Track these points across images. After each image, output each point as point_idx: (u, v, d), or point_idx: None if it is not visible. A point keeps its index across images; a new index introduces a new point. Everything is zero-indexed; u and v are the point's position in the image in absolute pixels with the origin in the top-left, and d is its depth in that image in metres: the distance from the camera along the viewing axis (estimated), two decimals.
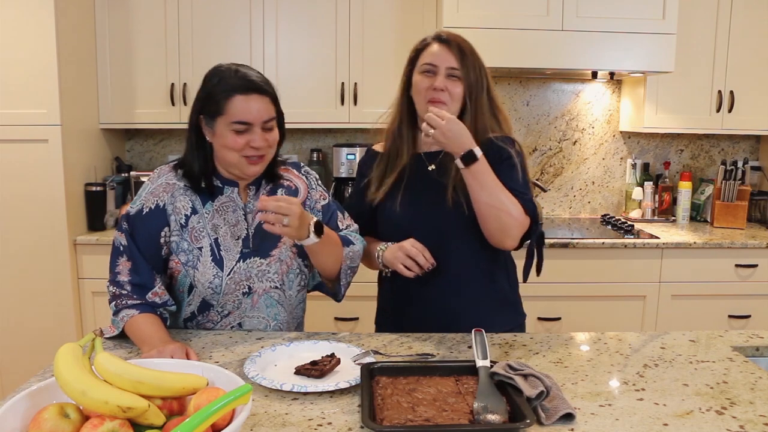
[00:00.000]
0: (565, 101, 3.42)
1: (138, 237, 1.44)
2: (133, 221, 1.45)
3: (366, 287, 2.98)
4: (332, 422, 1.06)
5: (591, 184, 3.50)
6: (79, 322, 2.85)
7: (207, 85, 1.43)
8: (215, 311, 1.50)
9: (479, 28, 2.73)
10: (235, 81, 1.40)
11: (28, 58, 2.67)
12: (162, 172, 1.50)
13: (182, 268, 1.46)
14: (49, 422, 0.86)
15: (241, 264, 1.47)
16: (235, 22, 3.01)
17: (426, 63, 1.54)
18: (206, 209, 1.47)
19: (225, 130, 1.39)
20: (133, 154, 3.42)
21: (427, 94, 1.53)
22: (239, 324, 1.52)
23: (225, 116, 1.38)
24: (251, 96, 1.39)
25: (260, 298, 1.50)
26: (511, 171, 1.52)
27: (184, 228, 1.45)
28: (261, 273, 1.49)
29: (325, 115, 3.08)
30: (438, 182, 1.55)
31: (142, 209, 1.45)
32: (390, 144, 1.64)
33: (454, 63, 1.52)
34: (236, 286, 1.47)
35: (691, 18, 3.02)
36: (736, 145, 3.51)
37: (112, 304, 1.44)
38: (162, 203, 1.45)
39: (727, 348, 1.42)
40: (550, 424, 1.05)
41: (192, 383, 0.96)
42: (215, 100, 1.39)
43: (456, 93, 1.52)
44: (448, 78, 1.52)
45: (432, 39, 1.57)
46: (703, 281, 2.90)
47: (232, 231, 1.48)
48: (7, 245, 2.78)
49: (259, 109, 1.40)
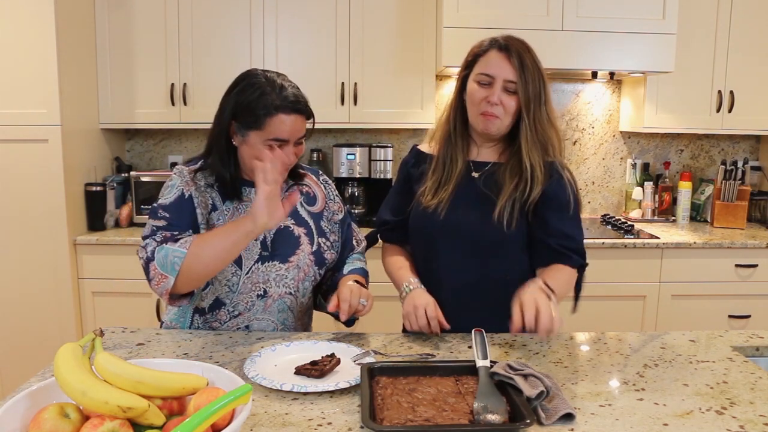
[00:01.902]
0: (565, 101, 3.42)
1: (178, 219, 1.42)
2: (170, 208, 1.43)
3: None
4: (332, 422, 1.06)
5: (591, 184, 3.50)
6: (79, 322, 2.85)
7: (246, 94, 1.40)
8: (226, 311, 1.50)
9: (479, 28, 2.73)
10: (278, 100, 1.38)
11: (28, 58, 2.67)
12: (183, 173, 1.49)
13: None
14: (49, 422, 0.86)
15: (260, 266, 1.47)
16: (235, 22, 3.01)
17: (482, 73, 1.47)
18: (226, 207, 1.48)
19: (258, 144, 1.40)
20: (133, 154, 3.42)
21: (481, 106, 1.47)
22: (246, 326, 1.51)
23: (262, 132, 1.39)
24: (292, 116, 1.39)
25: (274, 303, 1.51)
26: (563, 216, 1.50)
27: (207, 224, 1.46)
28: (279, 278, 1.49)
29: (325, 115, 3.07)
30: (485, 194, 1.51)
31: (182, 194, 1.45)
32: (443, 150, 1.56)
33: (511, 75, 1.44)
34: (253, 286, 1.47)
35: (691, 18, 3.02)
36: (736, 145, 3.51)
37: (160, 237, 1.38)
38: (188, 193, 1.45)
39: (727, 348, 1.42)
40: (550, 424, 1.04)
41: (192, 383, 0.96)
42: (255, 114, 1.38)
43: (510, 107, 1.46)
44: (504, 91, 1.45)
45: (490, 45, 1.49)
46: (703, 281, 2.90)
47: None
48: (7, 245, 2.78)
49: (298, 129, 1.42)
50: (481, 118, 1.48)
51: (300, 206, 1.57)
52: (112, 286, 2.83)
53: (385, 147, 3.15)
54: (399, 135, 3.40)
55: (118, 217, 3.04)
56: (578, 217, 1.55)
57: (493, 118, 1.47)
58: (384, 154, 3.14)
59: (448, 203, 1.52)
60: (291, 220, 1.53)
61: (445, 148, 1.56)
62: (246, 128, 1.40)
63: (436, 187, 1.54)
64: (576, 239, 1.53)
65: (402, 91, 3.07)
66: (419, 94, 3.06)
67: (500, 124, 1.48)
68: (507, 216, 1.47)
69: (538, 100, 1.46)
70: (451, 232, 1.52)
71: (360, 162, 3.14)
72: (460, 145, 1.55)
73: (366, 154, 3.15)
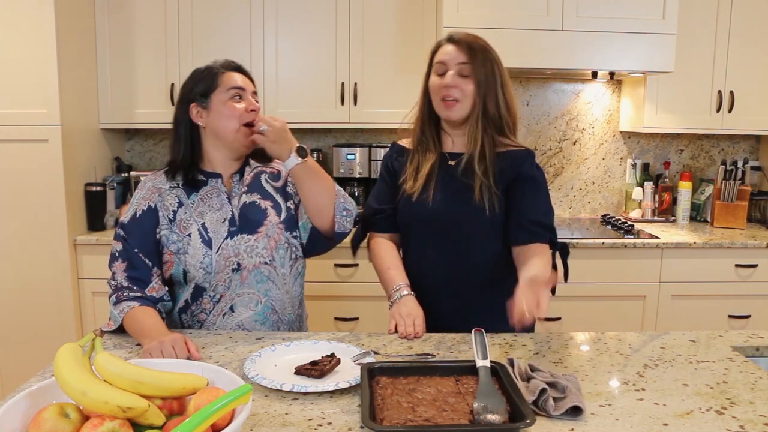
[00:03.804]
0: (565, 101, 3.42)
1: (133, 238, 1.52)
2: (127, 227, 1.54)
3: (366, 287, 2.97)
4: (332, 422, 1.06)
5: (591, 184, 3.50)
6: (79, 322, 2.85)
7: (194, 77, 1.56)
8: (208, 296, 1.54)
9: (479, 28, 2.68)
10: (219, 65, 1.56)
11: (28, 58, 2.67)
12: (149, 179, 1.60)
13: (174, 258, 1.52)
14: (49, 422, 0.86)
15: (229, 241, 1.53)
16: (235, 22, 3.01)
17: (437, 62, 1.59)
18: (191, 200, 1.56)
19: (223, 102, 1.51)
20: (133, 154, 3.42)
21: (440, 92, 1.57)
22: (231, 308, 1.54)
23: (220, 88, 1.52)
24: (237, 73, 1.57)
25: (250, 274, 1.54)
26: (534, 194, 1.58)
27: (173, 222, 1.53)
28: (249, 249, 1.54)
29: (325, 115, 3.08)
30: (464, 182, 1.58)
31: (135, 213, 1.54)
32: (417, 144, 1.68)
33: (462, 58, 1.54)
34: (226, 262, 1.52)
35: (691, 18, 3.02)
36: (736, 145, 3.51)
37: (113, 297, 1.49)
38: (153, 204, 1.54)
39: (727, 348, 1.42)
40: (558, 416, 1.06)
41: (192, 383, 0.96)
42: (208, 80, 1.53)
43: (467, 89, 1.55)
44: (458, 76, 1.55)
45: (444, 40, 1.61)
46: (703, 281, 2.90)
47: (217, 215, 1.55)
48: (7, 245, 2.78)
49: (248, 83, 1.57)
50: (442, 104, 1.57)
51: (265, 182, 1.63)
52: None
53: (385, 147, 3.15)
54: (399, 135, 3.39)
55: (118, 217, 3.04)
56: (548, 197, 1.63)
57: (453, 103, 1.56)
58: (384, 154, 3.13)
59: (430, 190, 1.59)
60: (258, 195, 1.60)
61: (419, 143, 1.68)
62: (205, 96, 1.52)
63: (415, 174, 1.64)
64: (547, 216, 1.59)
65: (402, 91, 3.06)
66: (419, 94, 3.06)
67: (460, 108, 1.56)
68: (488, 199, 1.55)
69: (491, 82, 1.56)
70: (435, 218, 1.58)
71: (360, 162, 3.14)
72: (431, 139, 1.66)
73: (366, 154, 3.15)
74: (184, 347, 1.30)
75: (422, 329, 1.50)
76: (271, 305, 1.57)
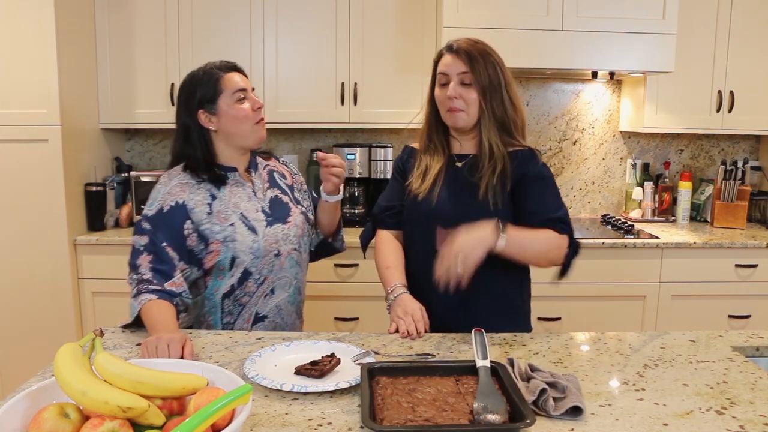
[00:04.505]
0: (565, 101, 3.42)
1: (161, 232, 1.55)
2: (154, 220, 1.57)
3: (366, 287, 2.97)
4: (332, 422, 1.06)
5: (591, 184, 3.50)
6: (79, 322, 2.85)
7: (194, 83, 1.61)
8: (252, 279, 1.62)
9: (479, 28, 2.73)
10: (215, 68, 1.62)
11: (28, 58, 2.67)
12: (173, 175, 1.63)
13: (221, 247, 1.58)
14: (49, 422, 0.86)
15: (269, 229, 1.64)
16: (235, 22, 3.01)
17: (440, 73, 1.60)
18: (222, 193, 1.63)
19: (231, 105, 1.59)
20: (133, 154, 3.42)
21: (445, 104, 1.58)
22: (271, 290, 1.65)
23: (225, 91, 1.59)
24: (234, 73, 1.63)
25: (285, 259, 1.67)
26: (544, 192, 1.57)
27: (211, 215, 1.59)
28: (285, 236, 1.67)
29: (325, 115, 3.08)
30: (471, 182, 1.58)
31: (162, 209, 1.57)
32: (425, 150, 1.69)
33: (463, 68, 1.55)
34: (269, 248, 1.63)
35: (691, 18, 3.02)
36: (736, 145, 3.51)
37: (134, 289, 1.52)
38: (181, 200, 1.58)
39: (727, 348, 1.42)
40: (557, 417, 1.06)
41: (192, 383, 0.96)
42: (211, 86, 1.59)
43: (470, 98, 1.56)
44: (460, 85, 1.56)
45: (444, 50, 1.61)
46: (703, 281, 2.90)
47: (250, 206, 1.65)
48: (7, 245, 2.78)
49: (243, 79, 1.64)
50: (448, 114, 1.59)
51: (279, 180, 1.77)
52: (112, 286, 2.83)
53: (385, 147, 3.15)
54: (399, 135, 3.40)
55: (118, 217, 3.04)
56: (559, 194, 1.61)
57: (457, 112, 1.57)
58: (384, 154, 3.14)
59: (436, 190, 1.61)
60: (278, 190, 1.73)
61: (426, 148, 1.69)
62: (213, 102, 1.59)
63: (422, 175, 1.66)
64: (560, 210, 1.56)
65: (402, 91, 3.06)
66: (419, 95, 3.06)
67: (465, 117, 1.57)
68: (492, 196, 1.54)
69: (495, 85, 1.56)
70: (441, 217, 1.58)
71: (360, 162, 3.14)
72: (438, 145, 1.67)
73: (366, 154, 3.15)
74: (179, 348, 1.30)
75: (423, 324, 1.50)
76: (299, 287, 1.74)
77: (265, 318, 1.65)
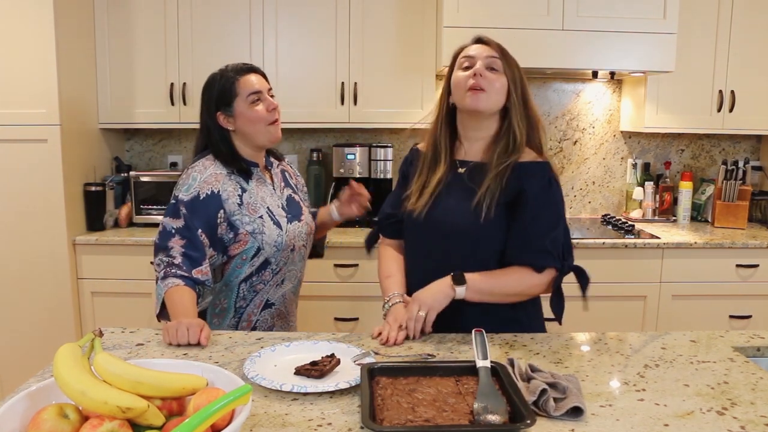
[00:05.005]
0: (566, 101, 3.42)
1: (198, 219, 1.61)
2: (190, 205, 1.62)
3: (366, 287, 2.96)
4: (332, 422, 1.05)
5: (591, 184, 3.50)
6: (78, 322, 2.85)
7: (213, 86, 1.70)
8: (270, 270, 1.73)
9: (479, 28, 2.69)
10: (232, 71, 1.69)
11: (28, 58, 2.67)
12: (207, 164, 1.69)
13: (249, 238, 1.67)
14: (48, 423, 0.85)
15: (290, 225, 1.75)
16: (235, 22, 3.00)
17: (464, 56, 1.54)
18: (250, 186, 1.72)
19: (246, 107, 1.67)
20: (132, 154, 3.42)
21: (468, 82, 1.49)
22: (282, 281, 1.77)
23: (240, 95, 1.66)
24: (250, 74, 1.70)
25: (297, 254, 1.79)
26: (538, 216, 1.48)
27: (242, 206, 1.67)
28: (299, 233, 1.78)
29: (325, 115, 3.08)
30: (469, 188, 1.52)
31: (198, 195, 1.63)
32: (431, 153, 1.61)
33: (493, 53, 1.51)
34: (288, 242, 1.74)
35: (692, 18, 3.02)
36: (736, 144, 3.51)
37: (162, 271, 1.58)
38: (216, 190, 1.65)
39: (728, 348, 1.41)
40: (558, 417, 1.06)
41: (192, 383, 0.96)
42: (227, 90, 1.67)
43: (496, 85, 1.49)
44: (487, 69, 1.50)
45: (470, 41, 1.58)
46: (703, 281, 2.90)
47: (273, 201, 1.75)
48: (7, 245, 2.77)
49: (262, 82, 1.72)
50: (469, 93, 1.49)
51: (289, 179, 1.88)
52: (111, 286, 2.83)
53: (385, 147, 3.14)
54: (399, 135, 3.39)
55: (118, 217, 3.04)
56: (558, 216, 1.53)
57: (480, 92, 1.48)
58: (384, 154, 3.14)
59: (430, 201, 1.56)
60: (290, 190, 1.84)
61: (432, 151, 1.61)
62: (229, 105, 1.67)
63: (421, 189, 1.59)
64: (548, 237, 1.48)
65: (402, 91, 3.06)
66: (419, 94, 3.06)
67: (487, 100, 1.49)
68: (485, 206, 1.47)
69: (521, 83, 1.53)
70: (433, 228, 1.55)
71: (360, 162, 3.13)
72: (445, 147, 1.59)
73: (366, 154, 3.15)
74: (197, 333, 1.39)
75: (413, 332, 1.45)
76: (300, 279, 1.86)
77: (273, 305, 1.77)
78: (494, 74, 1.50)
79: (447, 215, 1.54)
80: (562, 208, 1.56)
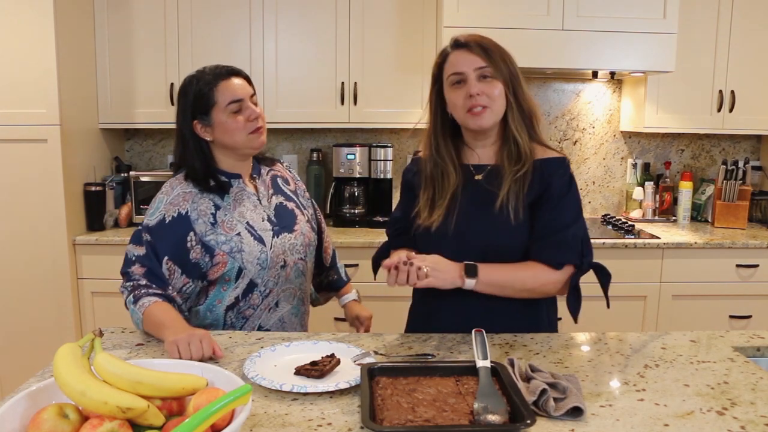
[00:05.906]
0: (566, 101, 3.42)
1: (162, 245, 1.50)
2: (155, 231, 1.51)
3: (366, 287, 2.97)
4: (332, 422, 1.05)
5: (591, 184, 3.50)
6: (78, 322, 2.85)
7: (188, 91, 1.56)
8: (258, 292, 1.58)
9: (479, 28, 2.69)
10: (211, 73, 1.55)
11: (28, 58, 2.67)
12: (175, 184, 1.58)
13: (228, 258, 1.53)
14: (48, 423, 0.85)
15: (276, 239, 1.60)
16: (235, 23, 3.00)
17: (452, 73, 1.44)
18: (226, 202, 1.58)
19: (223, 117, 1.53)
20: (132, 153, 3.42)
21: (465, 104, 1.42)
22: (276, 303, 1.62)
23: (218, 104, 1.53)
24: (230, 79, 1.55)
25: (291, 270, 1.64)
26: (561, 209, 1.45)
27: (215, 224, 1.54)
28: (292, 246, 1.63)
29: (325, 115, 3.08)
30: (489, 192, 1.47)
31: (164, 219, 1.52)
32: (432, 166, 1.52)
33: (480, 62, 1.42)
34: (276, 259, 1.59)
35: (692, 18, 3.02)
36: (737, 144, 3.51)
37: (130, 296, 1.47)
38: (184, 211, 1.53)
39: (728, 348, 1.41)
40: (558, 417, 1.05)
41: (192, 383, 0.96)
42: (205, 96, 1.53)
43: (495, 93, 1.42)
44: (480, 80, 1.42)
45: (449, 47, 1.48)
46: (703, 281, 2.90)
47: (255, 215, 1.60)
48: (7, 245, 2.77)
49: (244, 86, 1.57)
50: (470, 115, 1.43)
51: (283, 185, 1.73)
52: (111, 286, 2.81)
53: (385, 147, 3.14)
54: (399, 135, 3.39)
55: (118, 217, 3.04)
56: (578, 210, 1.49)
57: (482, 110, 1.42)
58: (384, 154, 3.14)
59: (452, 216, 1.47)
60: (282, 197, 1.69)
61: (434, 165, 1.52)
62: (206, 114, 1.54)
63: (430, 203, 1.51)
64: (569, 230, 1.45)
65: (402, 91, 3.06)
66: (419, 94, 3.06)
67: (491, 114, 1.43)
68: (512, 208, 1.42)
69: (516, 77, 1.45)
70: (460, 242, 1.47)
71: (360, 162, 3.13)
72: (449, 157, 1.51)
73: (366, 154, 3.15)
74: (211, 345, 1.31)
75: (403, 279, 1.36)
76: (302, 298, 1.70)
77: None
78: (489, 83, 1.42)
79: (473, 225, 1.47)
80: (581, 204, 1.52)
